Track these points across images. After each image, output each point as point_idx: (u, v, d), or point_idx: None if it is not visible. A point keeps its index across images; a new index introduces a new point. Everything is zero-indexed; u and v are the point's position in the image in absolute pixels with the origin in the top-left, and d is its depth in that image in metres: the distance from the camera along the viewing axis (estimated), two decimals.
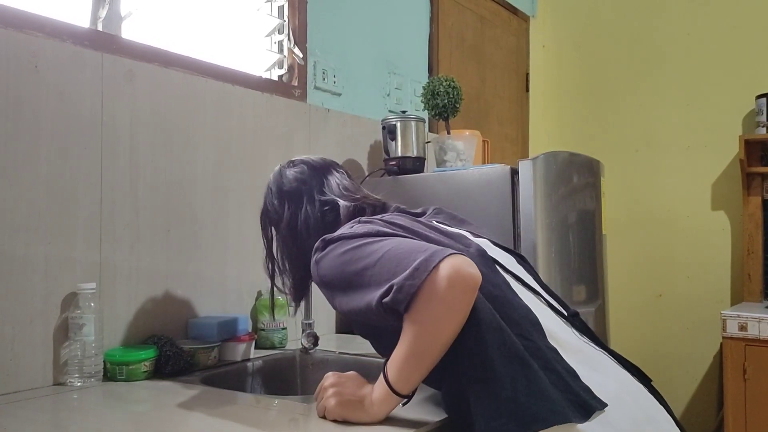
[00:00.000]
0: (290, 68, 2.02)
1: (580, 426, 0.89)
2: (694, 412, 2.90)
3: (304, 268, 1.21)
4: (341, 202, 1.24)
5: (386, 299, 0.93)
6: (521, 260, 1.21)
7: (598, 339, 1.11)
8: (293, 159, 1.35)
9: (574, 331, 1.08)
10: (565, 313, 1.11)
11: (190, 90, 1.64)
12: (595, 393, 0.94)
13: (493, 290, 1.02)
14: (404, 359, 0.96)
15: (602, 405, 0.93)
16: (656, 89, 3.17)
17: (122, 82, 1.48)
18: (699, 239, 3.01)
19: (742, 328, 2.41)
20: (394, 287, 0.92)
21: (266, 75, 1.99)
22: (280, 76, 2.01)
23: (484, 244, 1.15)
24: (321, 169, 1.31)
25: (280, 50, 2.01)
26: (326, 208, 1.24)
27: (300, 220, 1.24)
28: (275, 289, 1.33)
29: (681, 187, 3.07)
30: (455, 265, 0.92)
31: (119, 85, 1.47)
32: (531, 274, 1.19)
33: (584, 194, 1.99)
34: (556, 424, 0.89)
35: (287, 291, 1.31)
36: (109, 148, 1.45)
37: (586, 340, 1.08)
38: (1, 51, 1.27)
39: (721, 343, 2.54)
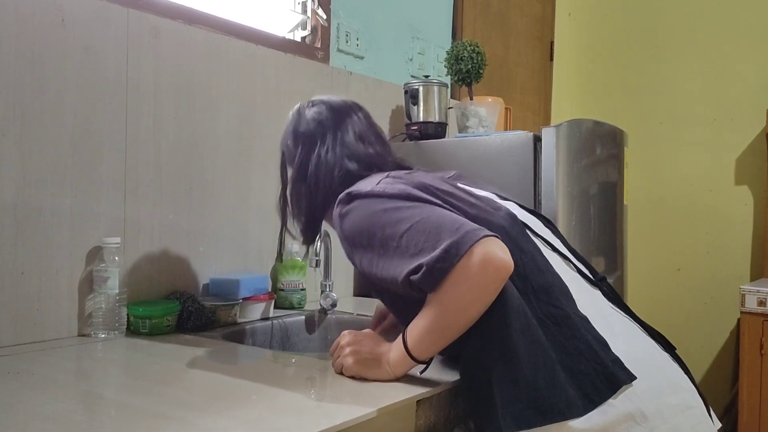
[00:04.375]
0: (314, 30, 2.00)
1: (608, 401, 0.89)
2: (709, 386, 2.90)
3: (313, 213, 1.19)
4: (359, 150, 1.20)
5: (414, 277, 0.93)
6: (547, 223, 1.18)
7: (625, 305, 1.09)
8: (313, 98, 1.30)
9: (602, 296, 1.07)
10: (593, 278, 1.09)
11: (214, 48, 1.63)
12: (624, 362, 0.93)
13: (524, 257, 1.00)
14: (425, 332, 0.96)
15: (631, 378, 0.91)
16: (682, 61, 3.11)
17: (147, 38, 1.48)
18: (720, 214, 2.98)
19: (761, 303, 2.39)
20: (424, 268, 0.91)
21: (289, 36, 1.98)
22: (303, 38, 2.00)
23: (512, 207, 1.12)
24: (341, 113, 1.25)
25: (304, 11, 2.00)
26: (341, 155, 1.19)
27: (312, 165, 1.19)
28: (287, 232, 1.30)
29: (704, 161, 3.03)
30: (488, 252, 0.90)
31: (144, 42, 1.47)
32: (558, 237, 1.16)
33: (607, 164, 1.97)
34: (571, 418, 0.88)
35: (298, 232, 1.27)
36: (134, 104, 1.45)
37: (613, 306, 1.07)
38: (28, 3, 1.27)
39: (739, 319, 2.53)
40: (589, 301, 1.02)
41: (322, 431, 0.81)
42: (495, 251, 0.91)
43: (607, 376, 0.90)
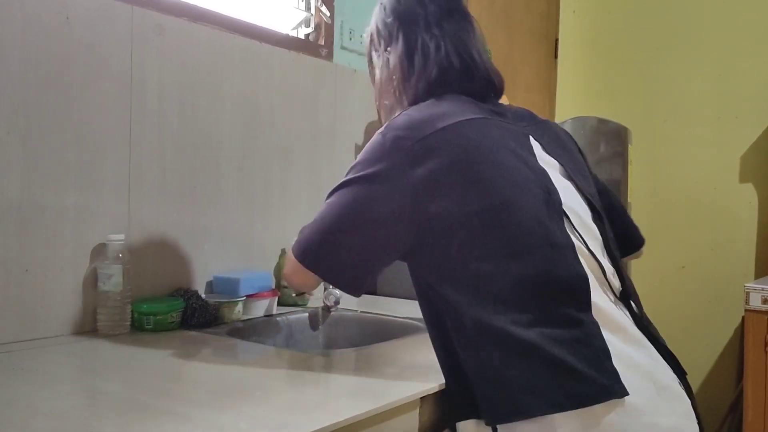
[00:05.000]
0: (317, 27, 2.00)
1: (594, 407, 0.87)
2: (713, 384, 2.90)
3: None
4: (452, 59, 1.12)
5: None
6: (598, 218, 1.07)
7: (643, 322, 1.03)
8: None
9: (624, 311, 1.01)
10: (615, 291, 1.02)
11: (218, 46, 1.64)
12: (622, 378, 0.89)
13: (552, 252, 0.95)
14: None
15: (623, 393, 0.88)
16: (687, 58, 3.10)
17: (151, 35, 1.48)
18: (725, 212, 2.97)
19: (766, 301, 2.38)
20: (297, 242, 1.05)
21: (293, 33, 1.98)
22: (307, 35, 2.00)
23: (567, 190, 1.03)
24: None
25: (308, 8, 2.00)
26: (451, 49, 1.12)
27: (416, 51, 1.12)
28: None
29: (708, 159, 3.02)
30: (288, 270, 1.07)
31: (148, 39, 1.48)
32: (602, 235, 1.06)
33: (612, 162, 1.97)
34: (552, 413, 0.86)
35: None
36: (138, 102, 1.46)
37: (627, 314, 1.01)
38: (33, 1, 1.27)
39: (743, 316, 2.52)
40: (607, 310, 0.96)
41: (326, 427, 0.81)
42: (289, 274, 1.07)
43: (600, 386, 0.88)
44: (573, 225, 1.00)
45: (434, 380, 1.02)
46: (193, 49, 1.57)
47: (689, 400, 0.98)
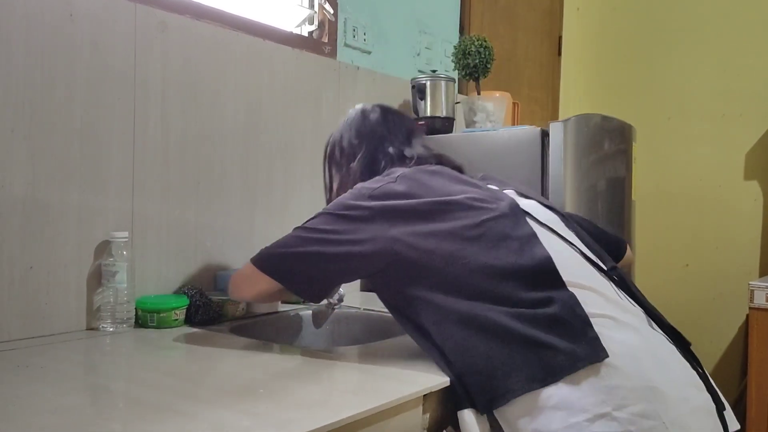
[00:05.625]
0: (321, 24, 2.00)
1: (576, 374, 0.92)
2: (717, 381, 2.85)
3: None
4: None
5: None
6: (565, 219, 1.20)
7: (636, 294, 1.10)
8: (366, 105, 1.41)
9: (612, 284, 1.08)
10: (604, 267, 1.11)
11: (221, 43, 1.64)
12: (605, 344, 0.95)
13: (514, 244, 1.06)
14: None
15: (602, 356, 0.93)
16: (691, 55, 3.09)
17: (155, 33, 1.48)
18: (729, 209, 2.96)
19: None
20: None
21: (296, 31, 1.98)
22: (311, 32, 2.00)
23: (530, 205, 1.16)
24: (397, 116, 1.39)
25: (311, 5, 2.00)
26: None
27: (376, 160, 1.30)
28: None
29: (713, 156, 3.01)
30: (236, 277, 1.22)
31: (152, 37, 1.48)
32: (573, 230, 1.18)
33: (615, 159, 1.96)
34: (529, 391, 0.93)
35: None
36: (142, 99, 1.46)
37: (622, 294, 1.08)
38: None
39: (747, 314, 2.51)
40: (588, 283, 1.04)
41: (329, 425, 0.82)
42: (238, 284, 1.21)
43: (577, 355, 0.93)
44: (536, 220, 1.12)
45: (437, 378, 1.02)
46: (197, 46, 1.58)
47: (695, 371, 1.03)
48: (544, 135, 1.75)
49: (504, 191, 1.19)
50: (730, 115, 2.97)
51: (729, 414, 1.03)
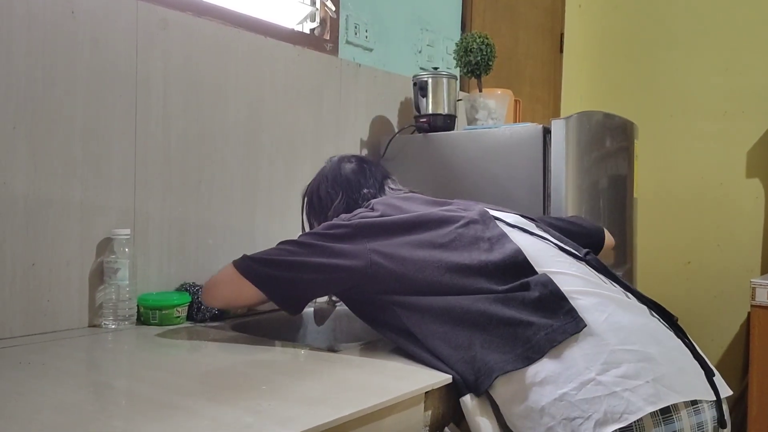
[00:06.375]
0: (322, 21, 2.00)
1: (557, 347, 0.96)
2: None
3: None
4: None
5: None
6: (535, 222, 1.28)
7: (615, 276, 1.15)
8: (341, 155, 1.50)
9: (589, 268, 1.14)
10: (579, 254, 1.16)
11: (222, 40, 1.63)
12: (584, 315, 0.99)
13: (485, 245, 1.12)
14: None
15: (581, 326, 0.97)
16: (693, 53, 3.08)
17: (156, 30, 1.48)
18: (731, 207, 2.96)
19: None
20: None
21: (298, 28, 1.98)
22: (312, 30, 2.00)
23: (499, 213, 1.24)
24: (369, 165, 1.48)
25: (313, 3, 1.99)
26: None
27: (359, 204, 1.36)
28: None
29: (715, 154, 3.00)
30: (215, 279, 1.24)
31: (153, 34, 1.48)
32: (544, 229, 1.24)
33: (617, 157, 1.96)
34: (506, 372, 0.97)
35: None
36: (143, 97, 1.46)
37: (602, 276, 1.13)
38: None
39: (749, 312, 2.51)
40: (559, 267, 1.10)
41: (331, 422, 0.82)
42: (218, 285, 1.23)
43: (555, 329, 0.98)
44: (506, 222, 1.20)
45: (438, 375, 1.02)
46: (198, 43, 1.57)
47: (682, 342, 1.07)
48: (546, 132, 1.74)
49: (468, 203, 1.28)
50: (732, 112, 2.97)
51: (719, 379, 1.05)
